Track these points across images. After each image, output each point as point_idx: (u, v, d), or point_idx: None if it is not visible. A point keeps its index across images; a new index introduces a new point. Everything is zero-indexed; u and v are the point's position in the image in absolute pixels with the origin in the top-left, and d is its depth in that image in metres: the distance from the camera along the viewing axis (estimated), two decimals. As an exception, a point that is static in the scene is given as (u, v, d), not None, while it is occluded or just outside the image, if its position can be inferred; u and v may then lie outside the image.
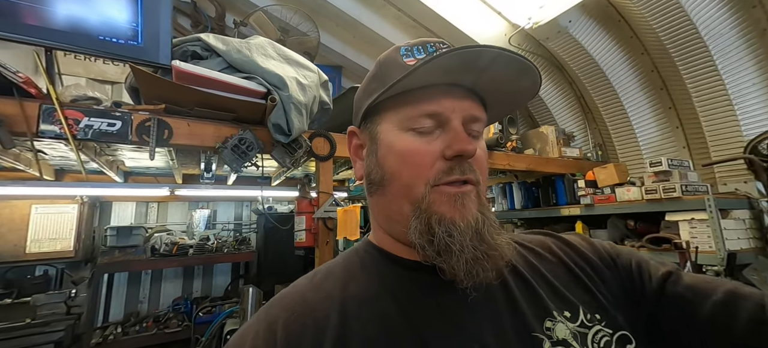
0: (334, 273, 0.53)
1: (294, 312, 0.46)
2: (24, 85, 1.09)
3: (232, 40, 1.36)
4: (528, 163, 2.44)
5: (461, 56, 0.45)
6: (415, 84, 0.49)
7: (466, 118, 0.50)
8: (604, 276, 0.54)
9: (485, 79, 0.50)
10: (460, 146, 0.47)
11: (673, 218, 1.90)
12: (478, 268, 0.44)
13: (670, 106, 2.42)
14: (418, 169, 0.48)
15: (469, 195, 0.47)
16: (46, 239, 2.57)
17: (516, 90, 0.53)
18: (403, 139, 0.50)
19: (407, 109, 0.50)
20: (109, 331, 2.60)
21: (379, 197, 0.53)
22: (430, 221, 0.45)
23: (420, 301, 0.47)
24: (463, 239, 0.44)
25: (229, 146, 1.44)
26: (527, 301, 0.49)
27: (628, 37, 2.33)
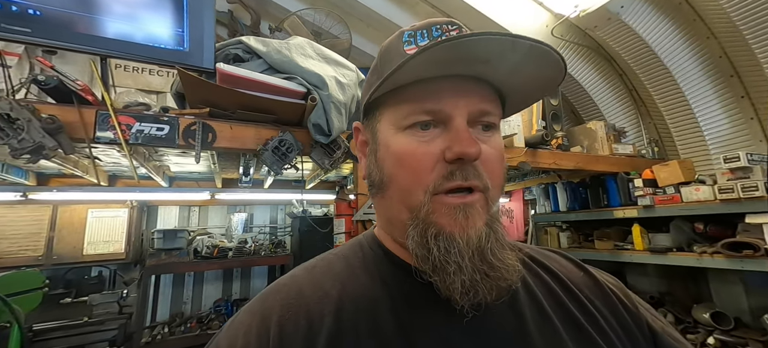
0: (334, 268, 0.50)
1: (289, 308, 0.44)
2: (82, 93, 1.13)
3: (271, 41, 1.36)
4: (576, 162, 2.27)
5: (455, 47, 0.39)
6: (411, 78, 0.44)
7: (473, 113, 0.44)
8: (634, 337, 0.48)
9: (493, 69, 0.44)
10: (460, 148, 0.41)
11: (756, 220, 1.67)
12: (475, 290, 0.40)
13: (742, 94, 2.15)
14: (416, 174, 0.44)
15: (473, 206, 0.42)
16: (100, 241, 2.73)
17: (536, 78, 0.46)
18: (399, 139, 0.45)
19: (405, 106, 0.45)
20: (157, 331, 2.71)
21: (380, 199, 0.49)
22: (427, 234, 0.42)
23: (420, 316, 0.43)
24: (460, 258, 0.40)
25: (269, 148, 1.43)
26: (540, 330, 0.44)
27: (691, 20, 2.10)
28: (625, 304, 0.50)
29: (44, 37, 1.08)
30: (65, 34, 1.12)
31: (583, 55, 2.62)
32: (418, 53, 0.39)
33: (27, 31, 1.06)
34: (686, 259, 1.96)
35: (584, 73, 2.69)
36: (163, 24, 1.23)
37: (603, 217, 2.54)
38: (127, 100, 1.27)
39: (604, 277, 0.54)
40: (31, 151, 1.05)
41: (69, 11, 1.12)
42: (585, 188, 2.72)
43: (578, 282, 0.52)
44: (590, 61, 2.65)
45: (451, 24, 0.48)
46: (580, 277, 0.53)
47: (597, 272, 0.55)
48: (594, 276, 0.53)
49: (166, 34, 1.23)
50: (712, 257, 1.82)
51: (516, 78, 0.46)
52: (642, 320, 0.49)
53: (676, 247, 2.07)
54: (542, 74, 0.46)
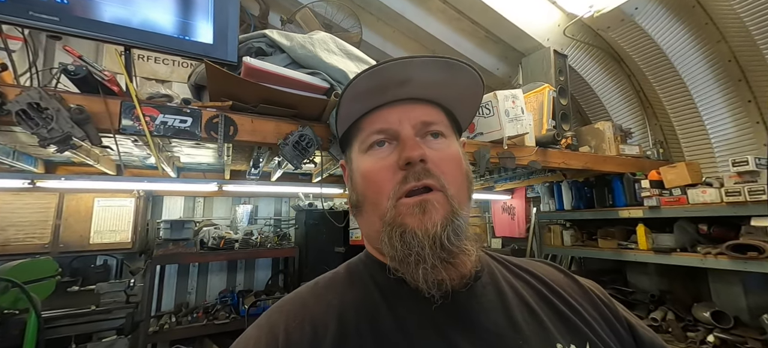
0: (335, 283, 0.55)
1: (295, 318, 0.48)
2: (108, 83, 1.12)
3: (295, 35, 1.35)
4: (584, 162, 2.30)
5: (372, 76, 0.50)
6: (361, 110, 0.54)
7: (416, 124, 0.52)
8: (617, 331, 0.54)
9: (418, 87, 0.53)
10: (406, 153, 0.49)
11: (762, 223, 1.72)
12: (438, 277, 0.46)
13: (749, 99, 2.19)
14: (379, 185, 0.50)
15: (430, 201, 0.48)
16: (107, 231, 2.72)
17: (460, 88, 0.56)
18: (364, 160, 0.54)
19: (362, 132, 0.55)
20: (163, 320, 2.72)
21: (360, 218, 0.56)
22: (393, 233, 0.47)
23: (416, 317, 0.47)
24: (421, 249, 0.45)
25: (290, 143, 1.43)
26: (531, 328, 0.49)
27: (703, 23, 2.13)
28: (604, 301, 0.57)
29: (71, 26, 1.07)
30: (92, 23, 1.11)
31: (593, 55, 2.64)
32: (344, 91, 0.50)
33: (55, 19, 1.05)
34: (690, 260, 2.01)
35: (593, 73, 2.71)
36: (189, 16, 1.23)
37: (607, 217, 2.59)
38: (150, 90, 1.27)
39: (584, 280, 0.61)
40: (59, 141, 1.05)
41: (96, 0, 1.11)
42: (590, 187, 2.75)
43: (562, 283, 0.58)
44: (599, 62, 2.67)
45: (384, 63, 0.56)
46: (563, 280, 0.59)
47: (577, 277, 0.61)
48: (575, 279, 0.60)
49: (192, 26, 1.23)
50: (716, 258, 1.87)
51: (442, 90, 0.54)
52: (619, 314, 0.56)
53: (680, 248, 2.12)
54: (462, 82, 0.55)
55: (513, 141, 1.98)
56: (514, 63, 2.92)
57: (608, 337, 0.51)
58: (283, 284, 3.64)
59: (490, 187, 3.50)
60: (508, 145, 1.92)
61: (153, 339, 2.66)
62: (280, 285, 3.64)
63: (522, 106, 1.94)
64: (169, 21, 1.21)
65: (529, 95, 2.32)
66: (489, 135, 1.93)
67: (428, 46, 2.91)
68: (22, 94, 1.00)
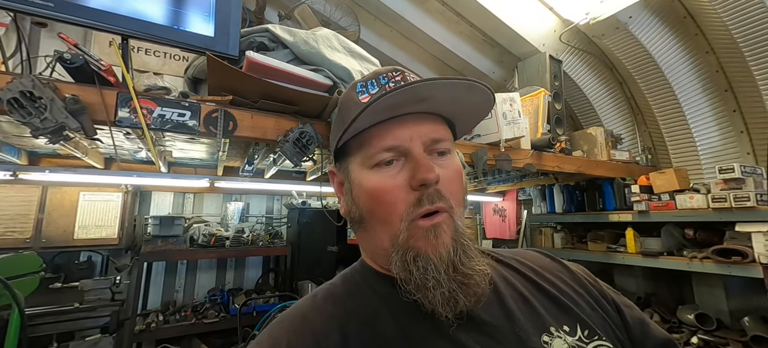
0: (334, 294, 0.54)
1: (296, 331, 0.48)
2: (105, 74, 1.08)
3: (299, 31, 1.34)
4: (578, 166, 2.34)
5: (400, 94, 0.48)
6: (369, 123, 0.52)
7: (426, 142, 0.51)
8: (605, 309, 0.56)
9: (435, 105, 0.52)
10: (422, 175, 0.48)
11: (746, 229, 1.78)
12: (455, 300, 0.46)
13: (734, 109, 2.27)
14: (390, 206, 0.49)
15: (441, 226, 0.48)
16: (92, 226, 2.63)
17: (471, 105, 0.56)
18: (369, 177, 0.52)
19: (368, 147, 0.52)
20: (150, 319, 2.65)
21: (363, 233, 0.56)
22: (407, 257, 0.47)
23: (418, 320, 0.48)
24: (437, 274, 0.46)
25: (290, 140, 1.41)
26: (525, 315, 0.50)
27: (693, 34, 2.20)
28: (591, 283, 0.60)
29: (66, 13, 1.03)
30: (87, 10, 1.07)
31: (587, 62, 2.69)
32: (373, 102, 0.48)
33: (49, 5, 1.01)
34: (677, 264, 2.07)
35: (586, 79, 2.77)
36: (191, 8, 1.20)
37: (598, 220, 2.64)
38: (147, 82, 1.23)
39: (572, 264, 0.64)
40: (53, 132, 1.01)
41: (93, -13, 1.07)
42: (581, 191, 2.81)
43: (550, 268, 0.60)
44: (593, 69, 2.73)
45: (395, 71, 0.56)
46: (552, 265, 0.62)
47: (566, 262, 0.64)
48: (563, 263, 0.63)
49: (194, 18, 1.20)
50: (702, 262, 1.93)
51: (454, 106, 0.54)
52: (606, 294, 0.59)
53: (667, 252, 2.19)
54: (476, 101, 0.55)
55: (510, 144, 2.00)
56: (510, 67, 2.96)
57: (597, 315, 0.54)
58: (273, 283, 3.60)
59: (482, 188, 3.54)
60: (504, 148, 1.94)
61: (139, 338, 2.59)
62: (271, 284, 3.59)
63: (519, 110, 1.96)
64: (170, 12, 1.18)
65: (525, 99, 2.35)
66: (486, 137, 1.95)
67: (426, 47, 2.92)
68: (14, 82, 0.96)
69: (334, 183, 0.62)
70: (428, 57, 3.00)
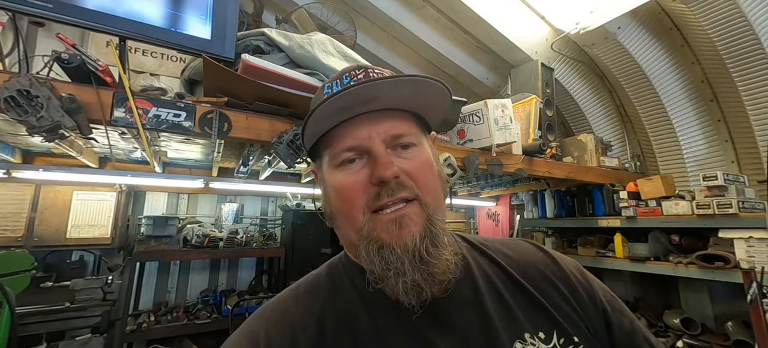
0: (316, 286, 0.56)
1: (276, 324, 0.50)
2: (102, 74, 1.10)
3: (294, 36, 1.37)
4: (568, 171, 2.39)
5: (342, 98, 0.49)
6: (328, 125, 0.53)
7: (387, 139, 0.52)
8: (588, 312, 0.54)
9: (386, 103, 0.52)
10: (379, 172, 0.49)
11: (728, 236, 1.83)
12: (419, 288, 0.47)
13: (719, 118, 2.33)
14: (352, 201, 0.51)
15: (407, 215, 0.49)
16: (85, 225, 2.63)
17: (428, 100, 0.56)
18: (335, 176, 0.54)
19: (331, 147, 0.54)
20: (142, 319, 2.64)
21: (337, 228, 0.57)
22: (370, 248, 0.49)
23: (393, 320, 0.50)
24: (400, 264, 0.47)
25: (284, 141, 1.44)
26: (500, 318, 0.50)
27: (680, 45, 2.26)
28: (581, 282, 0.58)
29: (65, 14, 1.06)
30: (85, 12, 1.09)
31: (578, 70, 2.75)
32: (313, 112, 0.49)
33: (49, 6, 1.03)
34: (663, 268, 2.12)
35: (577, 87, 2.83)
36: (189, 11, 1.22)
37: (587, 225, 2.69)
38: (143, 83, 1.25)
39: (563, 259, 0.61)
40: (49, 130, 1.02)
41: (92, -11, 1.09)
42: (572, 197, 2.86)
43: (538, 263, 0.59)
44: (583, 77, 2.79)
45: (358, 69, 0.57)
46: (541, 258, 0.60)
47: (556, 254, 0.62)
48: (554, 257, 0.61)
49: (192, 21, 1.22)
50: (687, 267, 1.98)
51: (411, 101, 0.54)
52: (596, 297, 0.57)
53: (654, 257, 2.23)
54: (430, 96, 0.55)
55: (501, 149, 2.04)
56: (503, 74, 3.01)
57: (581, 320, 0.53)
58: (267, 284, 3.60)
59: (476, 193, 3.57)
60: (496, 153, 1.98)
61: (130, 338, 2.58)
62: (264, 285, 3.59)
63: (511, 116, 2.01)
64: (167, 14, 1.21)
65: (517, 106, 2.40)
66: (478, 142, 1.98)
67: (421, 52, 2.96)
68: (11, 81, 0.98)
69: (317, 180, 0.63)
70: (423, 62, 3.05)
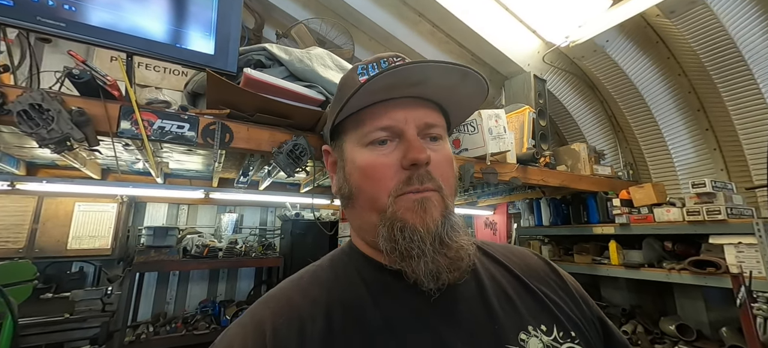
0: (320, 277, 0.55)
1: (282, 314, 0.48)
2: (109, 88, 1.16)
3: (294, 50, 1.43)
4: (561, 180, 2.44)
5: (393, 75, 0.49)
6: (366, 102, 0.53)
7: (420, 126, 0.53)
8: (585, 315, 0.57)
9: (430, 89, 0.53)
10: (413, 155, 0.50)
11: (718, 241, 1.87)
12: (438, 271, 0.47)
13: (707, 127, 2.40)
14: (380, 182, 0.51)
15: (430, 199, 0.50)
16: (86, 236, 2.65)
17: (464, 94, 0.56)
18: (363, 154, 0.53)
19: (363, 126, 0.53)
20: (140, 330, 2.64)
21: (351, 210, 0.57)
22: (393, 228, 0.49)
23: (401, 309, 0.49)
24: (423, 244, 0.47)
25: (284, 151, 1.49)
26: (505, 311, 0.51)
27: (666, 58, 2.34)
28: (579, 292, 0.61)
29: (77, 33, 1.11)
30: (96, 30, 1.15)
31: (570, 81, 2.83)
32: (365, 83, 0.49)
33: (61, 25, 1.09)
34: (657, 275, 2.15)
35: (570, 97, 2.90)
36: (193, 28, 1.28)
37: (584, 233, 2.72)
38: (149, 96, 1.31)
39: (562, 271, 0.63)
40: (58, 142, 1.07)
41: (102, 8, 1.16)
42: (567, 205, 2.90)
43: (538, 267, 0.61)
44: (575, 88, 2.86)
45: (396, 56, 0.58)
46: (541, 265, 0.62)
47: (556, 266, 0.64)
48: (553, 266, 0.63)
49: (196, 37, 1.28)
50: (680, 273, 2.01)
51: (448, 94, 0.55)
52: (592, 307, 0.59)
53: (648, 264, 2.26)
54: (470, 91, 0.56)
55: (495, 158, 2.09)
56: (497, 85, 3.09)
57: (578, 320, 0.55)
58: (265, 295, 3.60)
59: (473, 202, 3.61)
60: (491, 162, 2.03)
61: (128, 349, 2.58)
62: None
63: (504, 125, 2.06)
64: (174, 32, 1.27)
65: (511, 115, 2.46)
66: (473, 151, 2.03)
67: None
68: (24, 95, 1.03)
69: (327, 162, 0.63)
70: (419, 75, 3.12)
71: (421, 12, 2.66)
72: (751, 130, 2.09)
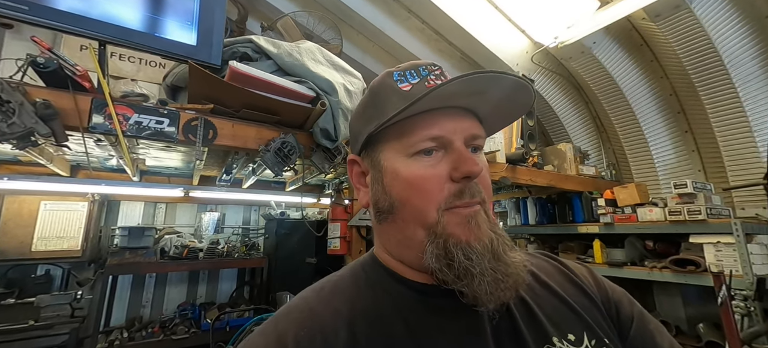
0: (342, 288, 0.52)
1: (304, 326, 0.46)
2: (80, 79, 1.06)
3: (282, 43, 1.36)
4: (549, 179, 2.47)
5: (468, 83, 0.47)
6: (417, 110, 0.50)
7: (467, 137, 0.51)
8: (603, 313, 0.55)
9: (484, 100, 0.52)
10: (468, 167, 0.47)
11: (698, 240, 1.93)
12: (498, 290, 0.45)
13: (686, 129, 2.47)
14: (429, 194, 0.48)
15: (480, 214, 0.48)
16: (53, 237, 2.48)
17: (513, 107, 0.56)
18: (408, 165, 0.50)
19: (409, 135, 0.50)
20: (114, 336, 2.50)
21: (390, 224, 0.53)
22: (448, 245, 0.46)
23: (427, 325, 0.47)
24: (482, 262, 0.45)
25: (272, 149, 1.42)
26: (527, 326, 0.49)
27: (649, 60, 2.40)
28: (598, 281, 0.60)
29: (42, 17, 1.01)
30: (65, 15, 1.05)
31: (557, 82, 2.86)
32: (439, 87, 0.46)
33: (24, 8, 0.98)
34: (639, 273, 2.20)
35: (556, 98, 2.94)
36: (173, 16, 1.20)
37: (569, 232, 2.77)
38: (124, 89, 1.21)
39: (574, 266, 0.62)
40: (20, 137, 0.97)
41: (71, -9, 1.05)
42: (553, 204, 2.94)
43: (553, 274, 0.59)
44: (562, 89, 2.90)
45: (433, 65, 0.55)
46: (554, 271, 0.60)
47: (568, 264, 0.62)
48: (567, 266, 0.62)
49: (175, 26, 1.19)
50: (661, 272, 2.06)
51: (499, 105, 0.53)
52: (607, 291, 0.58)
53: (630, 262, 2.32)
54: (519, 102, 0.55)
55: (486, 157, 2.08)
56: (485, 84, 3.09)
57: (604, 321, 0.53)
58: (248, 296, 3.49)
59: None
60: (481, 161, 2.01)
61: (101, 357, 2.44)
62: (246, 297, 3.48)
63: (495, 125, 2.06)
64: (151, 19, 1.17)
65: (500, 115, 2.46)
66: (464, 151, 2.02)
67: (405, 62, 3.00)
68: (-21, 84, 0.92)
69: (352, 173, 0.60)
70: (408, 72, 3.08)
71: (411, 8, 2.62)
72: (727, 133, 2.17)
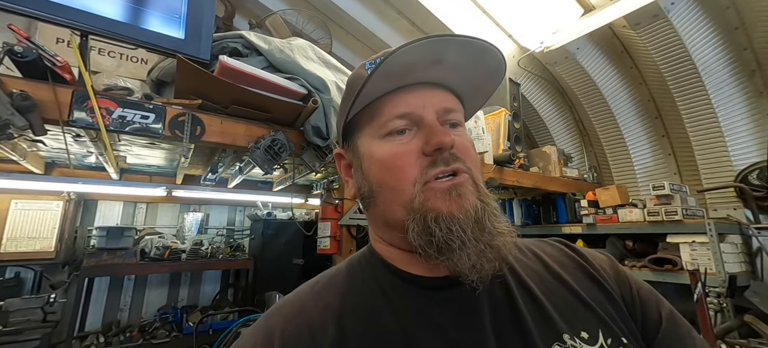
0: (336, 282, 0.52)
1: (292, 322, 0.46)
2: (60, 70, 1.01)
3: (274, 39, 1.34)
4: (535, 181, 2.52)
5: (409, 52, 0.45)
6: (380, 91, 0.49)
7: (439, 110, 0.50)
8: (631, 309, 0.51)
9: (447, 70, 0.50)
10: (437, 139, 0.46)
11: (675, 240, 2.01)
12: (482, 261, 0.44)
13: (663, 134, 2.58)
14: (402, 172, 0.47)
15: (464, 185, 0.46)
16: (24, 238, 2.36)
17: (484, 75, 0.53)
18: (381, 146, 0.50)
19: (379, 116, 0.50)
20: (89, 341, 2.39)
21: (374, 209, 0.52)
22: (427, 219, 0.44)
23: (419, 319, 0.46)
24: (463, 233, 0.43)
25: (262, 147, 1.40)
26: (535, 320, 0.46)
27: (629, 67, 2.49)
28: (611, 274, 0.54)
29: (20, 5, 0.96)
30: (45, 4, 1.00)
31: (542, 86, 2.94)
32: (380, 64, 0.44)
33: (0, -7, 0.93)
34: (620, 271, 2.28)
35: (541, 101, 3.01)
36: (157, 8, 1.16)
37: (552, 232, 2.84)
38: (107, 82, 1.17)
39: (594, 256, 0.57)
40: (-6, 129, 0.92)
41: (52, -22, 1.01)
42: (538, 205, 3.01)
43: (567, 265, 0.55)
44: (547, 93, 2.98)
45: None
46: (568, 261, 0.55)
47: (587, 253, 0.58)
48: (584, 256, 0.57)
49: (163, 19, 1.16)
50: (641, 271, 2.14)
51: (468, 74, 0.51)
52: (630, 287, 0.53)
53: (611, 261, 2.39)
54: (489, 68, 0.52)
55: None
56: (473, 87, 3.14)
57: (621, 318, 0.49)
58: (232, 298, 3.41)
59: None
60: (470, 162, 2.04)
61: (75, 363, 2.33)
62: (230, 299, 3.40)
63: (483, 126, 2.09)
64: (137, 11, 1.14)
65: (488, 117, 2.50)
66: (453, 152, 2.04)
67: (396, 63, 3.01)
68: (-50, 72, 0.87)
69: (340, 167, 0.59)
70: (398, 73, 3.10)
71: (401, 9, 2.64)
72: (701, 137, 2.28)
